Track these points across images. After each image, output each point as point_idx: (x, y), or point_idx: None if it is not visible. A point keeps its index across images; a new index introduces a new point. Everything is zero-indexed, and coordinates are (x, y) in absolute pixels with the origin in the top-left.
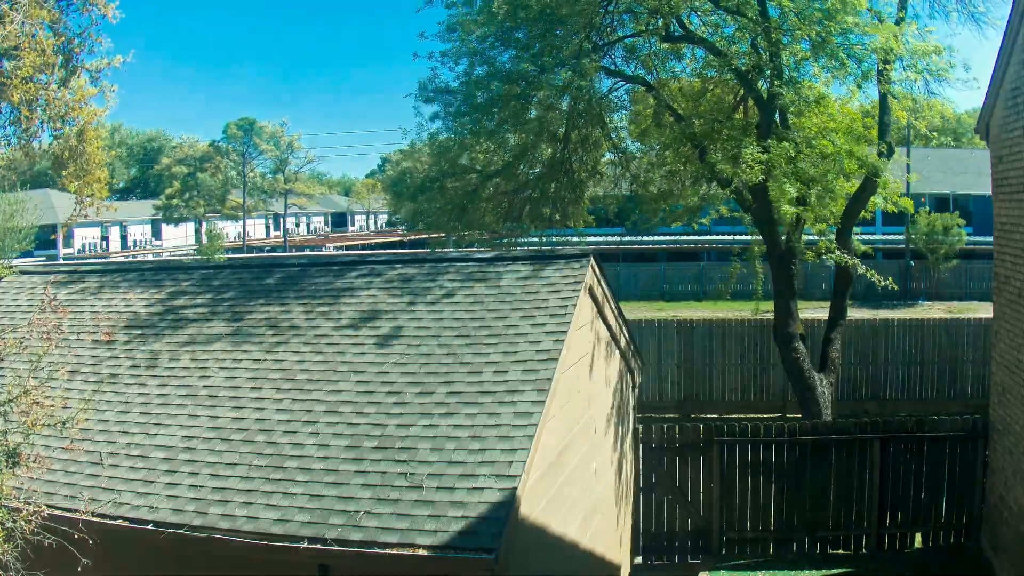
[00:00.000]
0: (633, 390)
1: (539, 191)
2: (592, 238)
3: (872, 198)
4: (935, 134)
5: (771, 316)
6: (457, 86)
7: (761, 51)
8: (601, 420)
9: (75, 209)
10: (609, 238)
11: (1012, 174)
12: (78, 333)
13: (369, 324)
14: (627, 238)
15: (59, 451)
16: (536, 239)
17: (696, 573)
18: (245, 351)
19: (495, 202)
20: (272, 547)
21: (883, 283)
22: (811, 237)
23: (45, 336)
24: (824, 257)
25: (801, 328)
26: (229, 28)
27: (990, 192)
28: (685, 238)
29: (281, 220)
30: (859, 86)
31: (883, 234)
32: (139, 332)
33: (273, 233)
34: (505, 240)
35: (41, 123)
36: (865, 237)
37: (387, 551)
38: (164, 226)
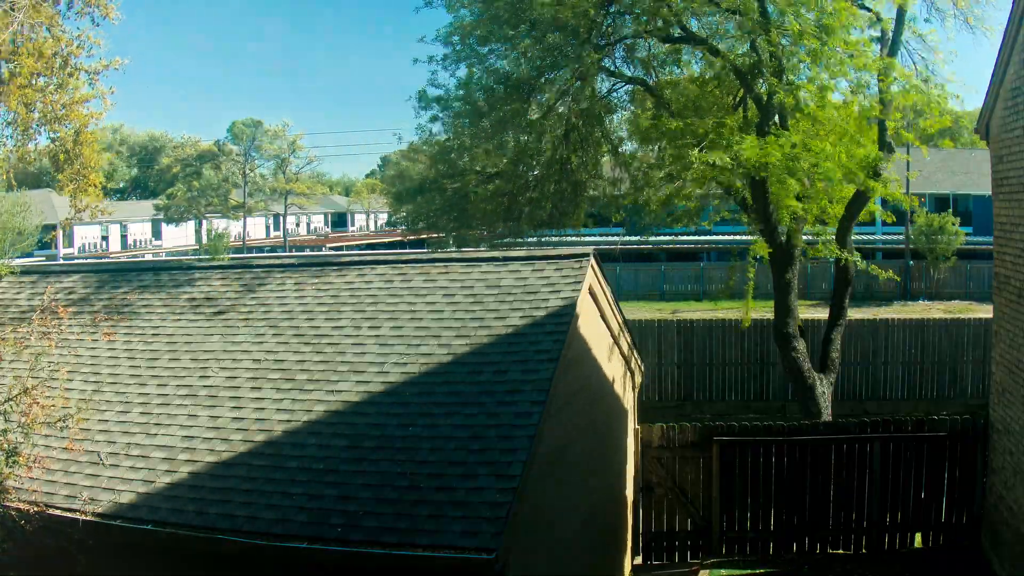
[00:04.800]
0: (633, 390)
1: (538, 192)
2: (592, 238)
3: (871, 202)
4: (936, 144)
5: (771, 316)
6: (457, 96)
7: (760, 52)
8: (601, 420)
9: (70, 212)
10: (609, 238)
11: (1012, 174)
12: (79, 332)
13: (369, 324)
14: (627, 238)
15: (59, 451)
16: (535, 239)
17: (696, 573)
18: (245, 350)
19: (494, 203)
20: (272, 547)
21: (885, 275)
22: (811, 237)
23: (45, 336)
24: (823, 256)
25: (801, 326)
26: (230, 21)
27: (990, 192)
28: (685, 238)
29: (281, 220)
30: (854, 92)
31: (883, 234)
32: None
33: (273, 233)
34: (504, 240)
35: (38, 125)
36: (865, 237)
37: (387, 551)
38: (164, 226)
